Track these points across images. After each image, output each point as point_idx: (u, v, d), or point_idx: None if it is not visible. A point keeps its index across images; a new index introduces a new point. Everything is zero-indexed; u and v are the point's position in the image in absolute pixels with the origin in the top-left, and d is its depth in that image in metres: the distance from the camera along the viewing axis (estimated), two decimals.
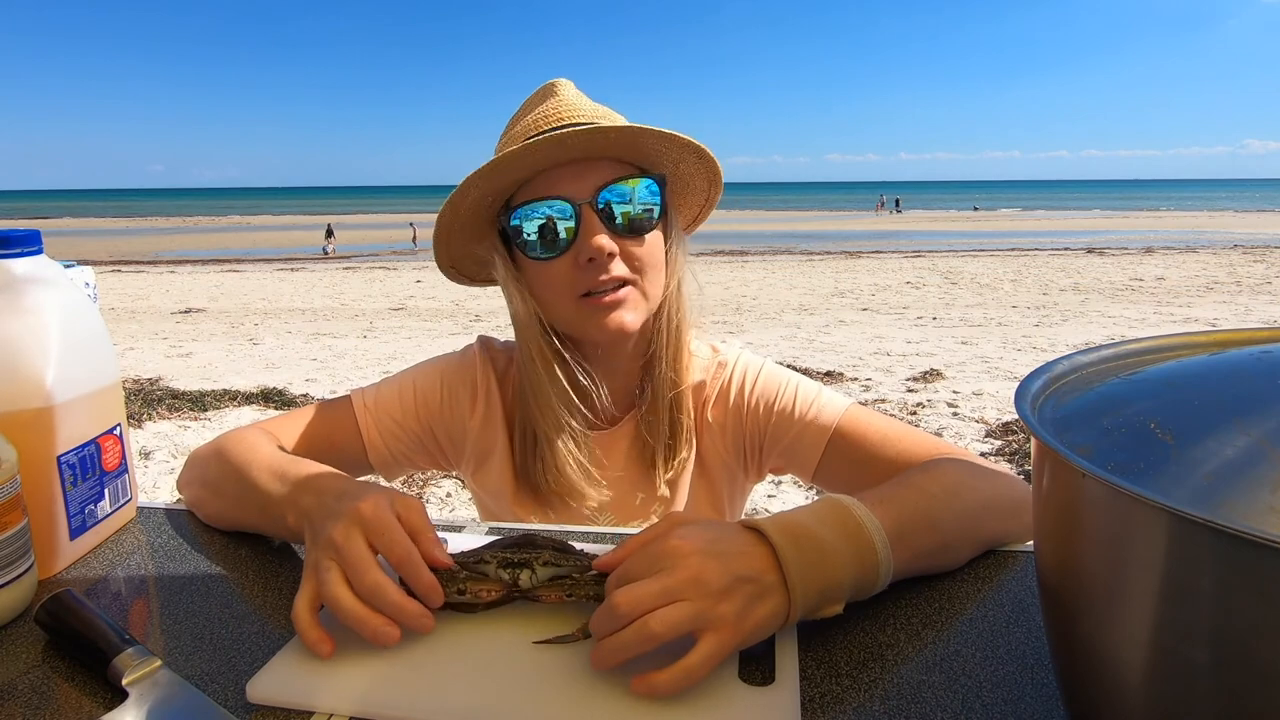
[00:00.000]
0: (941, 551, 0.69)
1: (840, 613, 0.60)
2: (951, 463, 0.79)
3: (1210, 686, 0.34)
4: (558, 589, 0.60)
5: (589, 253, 0.83)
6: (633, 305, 0.87)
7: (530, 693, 0.54)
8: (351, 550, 0.59)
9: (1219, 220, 27.57)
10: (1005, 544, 0.76)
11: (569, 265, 0.85)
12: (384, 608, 0.58)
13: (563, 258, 0.85)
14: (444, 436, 0.99)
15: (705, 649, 0.53)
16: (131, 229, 33.35)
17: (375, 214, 43.18)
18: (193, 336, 7.71)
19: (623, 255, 0.85)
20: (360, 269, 15.22)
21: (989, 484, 0.76)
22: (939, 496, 0.71)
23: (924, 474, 0.75)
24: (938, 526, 0.69)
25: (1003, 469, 0.81)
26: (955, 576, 0.70)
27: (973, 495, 0.74)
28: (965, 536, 0.72)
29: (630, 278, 0.86)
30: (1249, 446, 0.37)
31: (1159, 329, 7.27)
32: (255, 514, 0.77)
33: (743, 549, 0.58)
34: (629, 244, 0.85)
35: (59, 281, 0.76)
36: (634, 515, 0.98)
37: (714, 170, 0.92)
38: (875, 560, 0.61)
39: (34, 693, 0.56)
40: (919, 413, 4.51)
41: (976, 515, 0.73)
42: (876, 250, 17.65)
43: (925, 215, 37.47)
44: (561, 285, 0.86)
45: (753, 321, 8.11)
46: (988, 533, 0.74)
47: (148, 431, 4.32)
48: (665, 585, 0.54)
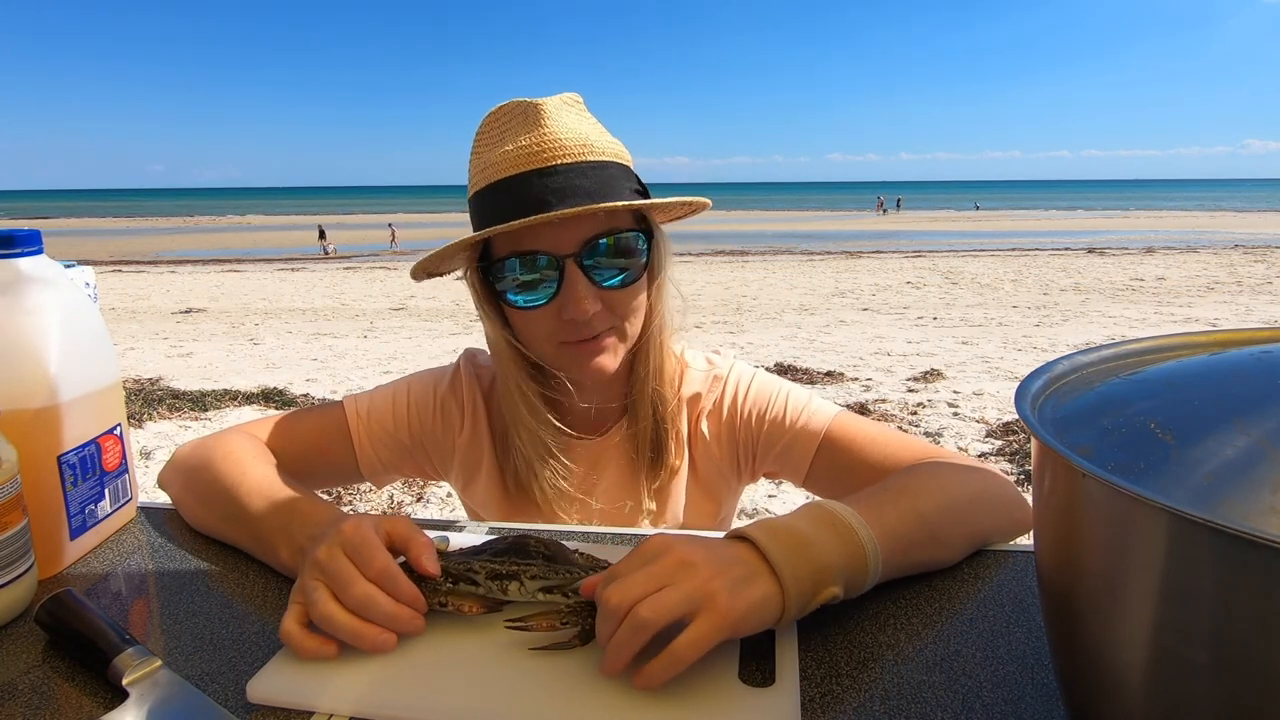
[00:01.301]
0: (931, 542, 0.69)
1: (839, 595, 0.59)
2: (935, 463, 0.80)
3: (1210, 686, 0.34)
4: (551, 617, 0.59)
5: (573, 314, 0.81)
6: (612, 349, 0.87)
7: (529, 693, 0.54)
8: (335, 567, 0.59)
9: (1219, 220, 27.56)
10: (995, 540, 0.76)
11: (549, 315, 0.84)
12: (376, 618, 0.58)
13: (544, 309, 0.84)
14: (434, 450, 1.00)
15: (696, 630, 0.52)
16: (131, 229, 33.36)
17: (375, 214, 43.16)
18: (193, 336, 7.72)
19: (606, 306, 0.84)
20: (360, 269, 15.22)
21: (974, 479, 0.77)
22: (922, 492, 0.72)
23: (907, 474, 0.77)
24: (924, 517, 0.69)
25: (992, 468, 0.81)
26: (955, 576, 0.70)
27: (958, 489, 0.75)
28: (953, 528, 0.72)
29: (611, 325, 0.86)
30: (1249, 446, 0.37)
31: (1159, 329, 7.27)
32: (247, 539, 0.77)
33: (726, 544, 0.59)
34: (613, 295, 0.84)
35: (59, 281, 0.76)
36: (623, 522, 0.99)
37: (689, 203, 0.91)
38: (859, 544, 0.61)
39: (34, 693, 0.56)
40: (919, 413, 4.51)
41: (963, 508, 0.74)
42: (877, 250, 17.65)
43: (925, 215, 37.47)
44: (542, 334, 0.86)
45: (753, 321, 8.11)
46: (977, 526, 0.74)
47: (148, 431, 4.32)
48: (651, 572, 0.54)
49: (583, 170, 0.81)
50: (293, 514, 0.73)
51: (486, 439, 0.98)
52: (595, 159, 0.83)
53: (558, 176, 0.80)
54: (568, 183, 0.80)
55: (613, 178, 0.83)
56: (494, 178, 0.82)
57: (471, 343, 1.09)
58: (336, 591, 0.59)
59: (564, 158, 0.81)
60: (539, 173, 0.80)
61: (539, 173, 0.80)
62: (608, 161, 0.84)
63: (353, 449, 0.95)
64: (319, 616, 0.58)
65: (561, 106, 0.86)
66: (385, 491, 3.45)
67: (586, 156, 0.82)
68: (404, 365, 6.09)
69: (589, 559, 0.68)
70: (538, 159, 0.81)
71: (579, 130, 0.84)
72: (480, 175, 0.85)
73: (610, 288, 0.83)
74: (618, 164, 0.85)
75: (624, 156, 0.87)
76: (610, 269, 0.83)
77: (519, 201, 0.79)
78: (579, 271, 0.81)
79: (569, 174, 0.80)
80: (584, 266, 0.81)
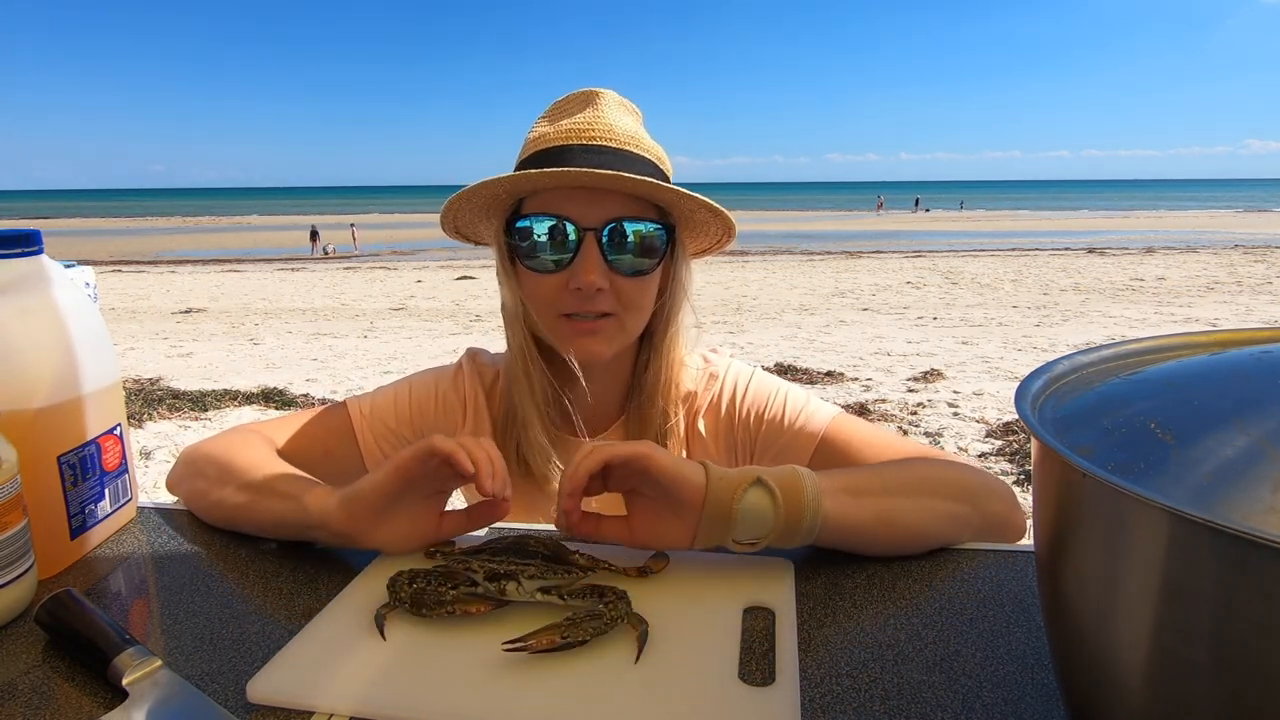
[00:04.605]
0: (884, 494, 0.72)
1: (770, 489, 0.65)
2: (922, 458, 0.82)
3: (1210, 686, 0.34)
4: (551, 633, 0.58)
5: (579, 282, 0.84)
6: (608, 337, 0.88)
7: (530, 694, 0.54)
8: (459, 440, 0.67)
9: (1219, 220, 27.56)
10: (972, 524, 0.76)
11: (558, 284, 0.86)
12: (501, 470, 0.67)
13: (554, 276, 0.86)
14: None
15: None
16: (131, 229, 33.36)
17: (376, 214, 43.14)
18: (193, 336, 7.72)
19: (613, 289, 0.86)
20: (360, 269, 15.23)
21: (956, 466, 0.79)
22: (887, 466, 0.78)
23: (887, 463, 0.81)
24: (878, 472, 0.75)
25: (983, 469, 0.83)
26: (955, 576, 0.70)
27: (928, 466, 0.78)
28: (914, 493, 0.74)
29: (613, 310, 0.87)
30: (1249, 446, 0.37)
31: (1160, 329, 7.27)
32: (267, 498, 0.76)
33: None
34: (622, 281, 0.86)
35: (59, 281, 0.76)
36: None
37: (727, 223, 0.93)
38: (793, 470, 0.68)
39: (34, 693, 0.56)
40: (919, 413, 4.51)
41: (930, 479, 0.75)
42: (877, 250, 17.66)
43: (925, 215, 37.45)
44: (546, 300, 0.88)
45: (753, 321, 8.11)
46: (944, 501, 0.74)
47: (148, 431, 4.32)
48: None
49: (624, 156, 0.86)
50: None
51: (488, 432, 0.99)
52: (639, 152, 0.88)
53: (601, 155, 0.85)
54: (607, 162, 0.85)
55: (651, 174, 0.87)
56: (542, 146, 0.88)
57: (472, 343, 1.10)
58: (469, 447, 0.66)
59: (611, 141, 0.87)
60: (584, 147, 0.86)
61: (584, 147, 0.86)
62: (650, 160, 0.89)
63: (358, 448, 0.96)
64: (476, 449, 0.66)
65: (619, 104, 0.92)
66: None
67: (630, 147, 0.88)
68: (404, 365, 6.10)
69: (589, 559, 0.68)
70: (586, 135, 0.87)
71: (629, 125, 0.90)
72: (530, 146, 0.90)
73: (620, 271, 0.86)
74: (658, 166, 0.90)
75: (665, 164, 0.93)
76: (625, 253, 0.86)
77: (558, 165, 0.84)
78: (595, 245, 0.84)
79: (611, 155, 0.85)
80: (601, 242, 0.84)
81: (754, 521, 0.65)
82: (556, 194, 0.85)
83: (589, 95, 0.91)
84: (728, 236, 0.96)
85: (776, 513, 0.65)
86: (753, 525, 0.65)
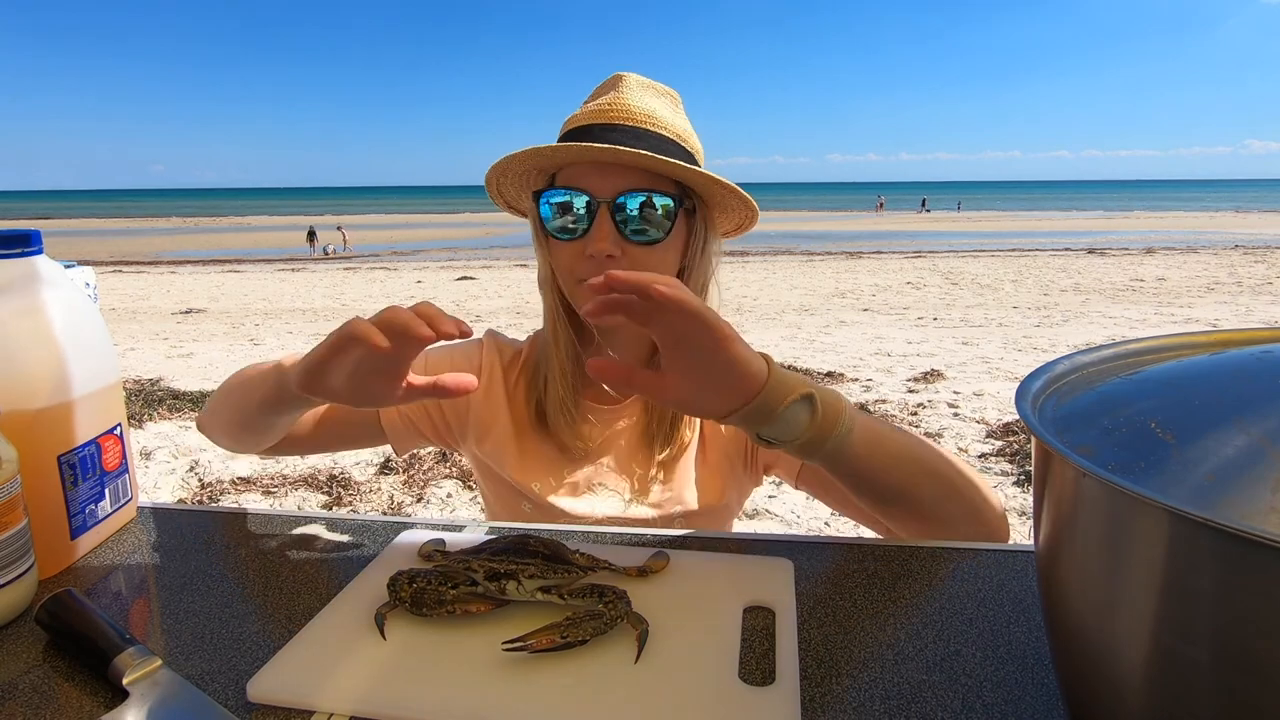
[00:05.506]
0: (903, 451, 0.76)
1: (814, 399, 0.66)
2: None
3: (1210, 686, 0.34)
4: (550, 632, 0.58)
5: (593, 250, 0.89)
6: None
7: (530, 693, 0.54)
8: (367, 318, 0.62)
9: (1219, 220, 27.56)
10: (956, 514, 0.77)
11: (576, 252, 0.92)
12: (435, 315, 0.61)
13: (573, 244, 0.92)
14: (449, 408, 1.06)
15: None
16: (131, 229, 33.36)
17: (375, 214, 43.14)
18: (193, 337, 7.72)
19: (627, 257, 0.90)
20: (360, 269, 15.23)
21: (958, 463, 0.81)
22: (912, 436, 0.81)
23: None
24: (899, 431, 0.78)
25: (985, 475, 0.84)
26: (955, 576, 0.70)
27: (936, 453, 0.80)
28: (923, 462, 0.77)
29: None
30: (1249, 446, 0.37)
31: (1160, 329, 7.27)
32: (265, 387, 0.80)
33: None
34: (636, 251, 0.90)
35: (59, 281, 0.76)
36: (631, 491, 1.02)
37: (743, 199, 0.96)
38: (840, 400, 0.69)
39: (34, 692, 0.56)
40: (919, 413, 4.51)
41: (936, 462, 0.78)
42: (877, 250, 17.66)
43: (925, 216, 37.45)
44: (567, 267, 0.94)
45: (753, 322, 8.11)
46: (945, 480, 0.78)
47: (148, 431, 4.32)
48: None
49: (639, 134, 0.91)
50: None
51: (503, 399, 1.04)
52: (655, 129, 0.92)
53: (617, 133, 0.90)
54: (619, 139, 0.89)
55: (667, 151, 0.90)
56: (570, 126, 0.94)
57: None
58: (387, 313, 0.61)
59: (627, 120, 0.92)
60: (603, 126, 0.92)
61: (603, 126, 0.92)
62: (668, 136, 0.93)
63: (376, 413, 1.02)
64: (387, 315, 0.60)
65: (642, 86, 0.98)
66: (385, 492, 3.45)
67: (645, 125, 0.92)
68: None
69: (589, 559, 0.68)
70: (606, 115, 0.93)
71: (650, 104, 0.95)
72: (564, 126, 0.96)
73: (632, 240, 0.90)
74: (678, 144, 0.93)
75: (690, 142, 0.96)
76: (639, 224, 0.90)
77: (580, 142, 0.88)
78: (608, 216, 0.89)
79: (627, 134, 0.90)
80: (614, 213, 0.89)
81: (787, 428, 0.67)
82: (578, 169, 0.91)
83: (615, 79, 0.98)
84: (750, 214, 1.00)
85: (809, 428, 0.67)
86: (783, 431, 0.67)
